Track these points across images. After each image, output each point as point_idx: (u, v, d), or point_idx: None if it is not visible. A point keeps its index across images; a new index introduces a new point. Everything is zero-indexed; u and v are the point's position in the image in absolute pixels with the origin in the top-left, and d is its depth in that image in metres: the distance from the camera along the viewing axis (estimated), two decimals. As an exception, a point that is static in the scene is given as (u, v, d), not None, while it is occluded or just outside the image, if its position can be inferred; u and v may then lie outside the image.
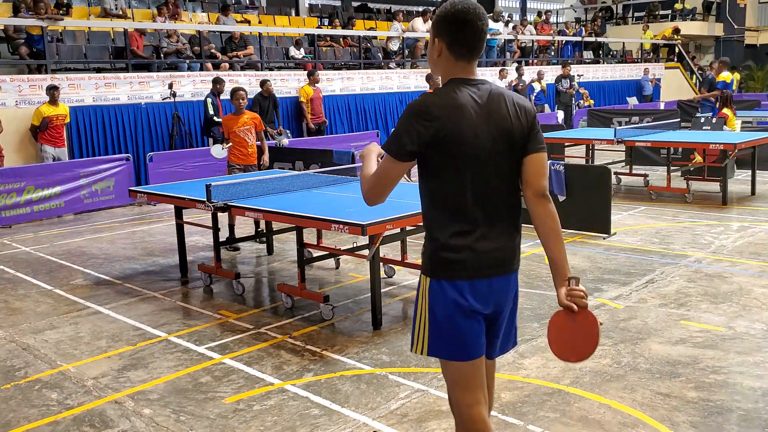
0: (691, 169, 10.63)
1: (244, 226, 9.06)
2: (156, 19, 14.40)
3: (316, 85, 14.04)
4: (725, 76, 15.42)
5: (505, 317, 2.75)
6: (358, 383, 4.42)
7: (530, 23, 22.81)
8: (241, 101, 8.16)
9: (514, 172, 2.68)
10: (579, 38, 23.55)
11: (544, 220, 2.70)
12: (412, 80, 16.87)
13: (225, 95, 12.47)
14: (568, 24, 24.71)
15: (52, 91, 10.54)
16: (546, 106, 18.91)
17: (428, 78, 13.94)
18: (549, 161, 8.32)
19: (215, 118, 11.79)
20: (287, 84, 14.42)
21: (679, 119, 13.58)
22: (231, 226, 7.99)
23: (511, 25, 21.56)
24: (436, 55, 2.67)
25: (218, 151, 8.45)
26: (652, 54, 27.07)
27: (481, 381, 2.70)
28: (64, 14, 12.94)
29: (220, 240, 6.86)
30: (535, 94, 18.58)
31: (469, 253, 2.60)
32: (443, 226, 2.63)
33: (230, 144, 8.29)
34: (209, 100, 12.03)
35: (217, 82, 12.18)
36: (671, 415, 3.89)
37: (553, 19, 26.24)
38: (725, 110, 11.80)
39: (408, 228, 5.90)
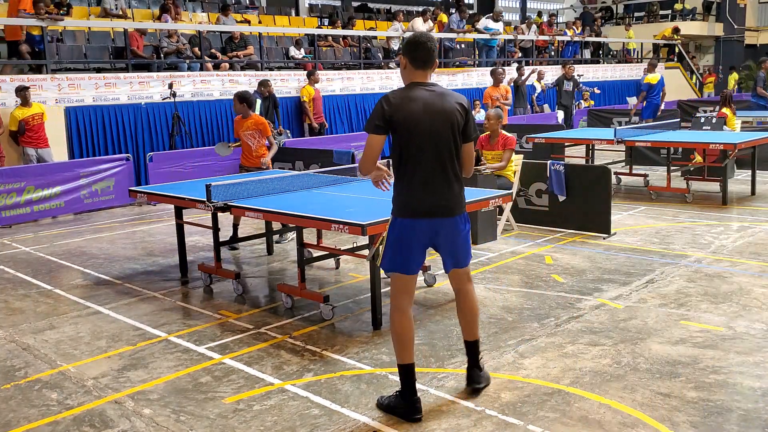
0: (691, 169, 10.63)
1: (244, 226, 9.06)
2: (162, 17, 14.38)
3: (315, 85, 14.05)
4: (651, 77, 16.11)
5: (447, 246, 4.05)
6: (358, 383, 4.42)
7: (535, 24, 22.83)
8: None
9: (451, 149, 3.91)
10: (578, 38, 23.53)
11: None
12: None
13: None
14: (569, 24, 24.70)
15: (23, 92, 10.44)
16: (546, 106, 18.91)
17: (492, 73, 13.89)
18: (549, 161, 8.40)
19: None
20: (287, 84, 14.42)
21: (679, 119, 13.58)
22: (235, 226, 8.00)
23: (519, 25, 21.62)
24: (403, 68, 3.99)
25: (222, 149, 8.52)
26: (638, 54, 27.03)
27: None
28: (65, 14, 12.93)
29: (223, 240, 6.86)
30: (536, 94, 18.58)
31: (409, 200, 3.92)
32: (400, 181, 3.96)
33: (238, 144, 8.43)
34: (258, 101, 12.59)
35: (263, 85, 12.76)
36: (671, 415, 3.89)
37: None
38: (725, 110, 11.78)
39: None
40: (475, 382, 4.21)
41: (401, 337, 3.97)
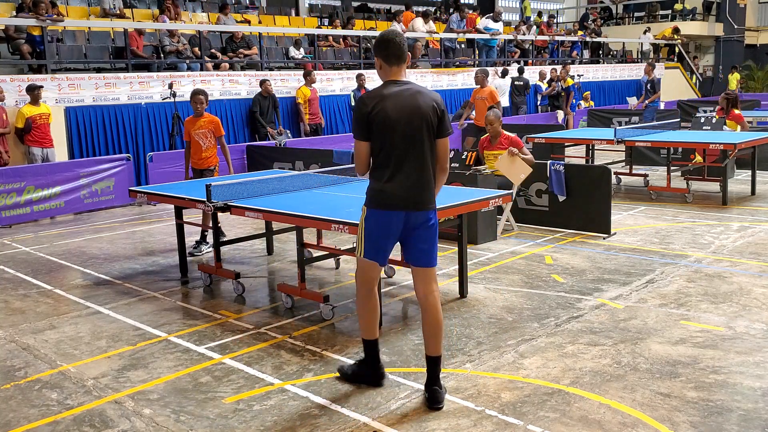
0: (691, 169, 10.63)
1: (244, 226, 9.07)
2: (159, 18, 14.39)
3: (312, 85, 14.03)
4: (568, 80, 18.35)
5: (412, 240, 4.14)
6: (358, 383, 4.42)
7: (535, 24, 22.86)
8: (198, 105, 7.90)
9: (425, 146, 4.00)
10: (577, 38, 23.54)
11: (438, 183, 4.19)
12: (411, 80, 16.83)
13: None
14: (567, 27, 24.74)
15: (34, 91, 10.45)
16: (548, 106, 18.93)
17: (475, 74, 13.51)
18: (549, 161, 8.40)
19: None
20: (287, 84, 14.42)
21: (679, 119, 13.58)
22: (203, 231, 7.94)
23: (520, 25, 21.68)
24: (378, 68, 4.11)
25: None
26: (639, 54, 26.99)
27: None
28: (58, 15, 12.94)
29: (222, 240, 6.86)
30: (544, 92, 18.64)
31: (383, 194, 4.01)
32: (376, 175, 4.05)
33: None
34: (353, 94, 13.69)
35: (359, 78, 13.99)
36: (671, 415, 3.89)
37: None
38: (735, 111, 11.55)
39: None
40: (436, 401, 4.05)
41: (370, 314, 4.28)
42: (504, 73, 17.93)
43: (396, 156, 3.97)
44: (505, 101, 17.82)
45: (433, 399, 4.05)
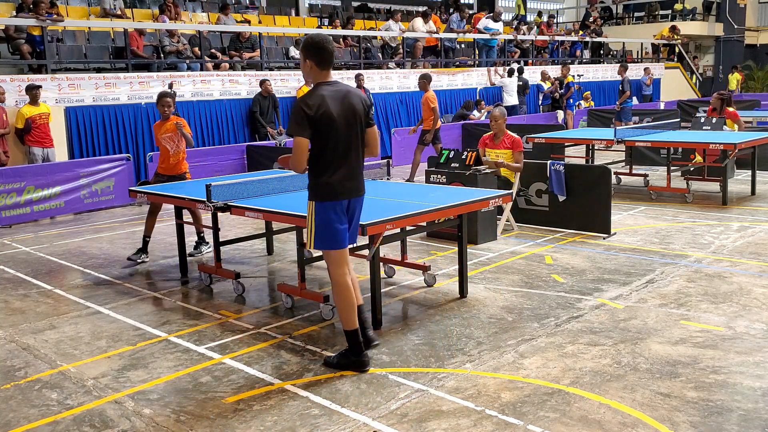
0: (691, 169, 10.63)
1: (244, 226, 9.07)
2: (159, 18, 14.40)
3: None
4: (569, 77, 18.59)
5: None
6: (358, 383, 4.42)
7: (535, 24, 22.88)
8: (165, 108, 7.59)
9: (359, 139, 4.55)
10: (577, 38, 23.55)
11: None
12: (412, 80, 16.87)
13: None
14: (567, 27, 24.76)
15: (33, 90, 10.45)
16: (549, 105, 18.93)
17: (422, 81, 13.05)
18: (549, 161, 8.40)
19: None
20: (287, 84, 14.42)
21: (679, 119, 13.58)
22: (199, 233, 7.93)
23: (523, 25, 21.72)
24: (309, 69, 4.47)
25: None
26: (639, 54, 27.01)
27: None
28: (58, 15, 12.95)
29: (223, 240, 6.85)
30: (544, 91, 18.64)
31: (332, 186, 4.46)
32: (322, 170, 4.47)
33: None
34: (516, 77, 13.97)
35: (358, 78, 14.02)
36: (671, 415, 3.89)
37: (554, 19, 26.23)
38: (730, 109, 11.61)
39: (408, 228, 5.90)
40: (370, 341, 4.80)
41: (350, 306, 4.62)
42: (510, 73, 17.97)
43: (340, 152, 4.44)
44: (514, 100, 17.92)
45: (366, 341, 4.75)
